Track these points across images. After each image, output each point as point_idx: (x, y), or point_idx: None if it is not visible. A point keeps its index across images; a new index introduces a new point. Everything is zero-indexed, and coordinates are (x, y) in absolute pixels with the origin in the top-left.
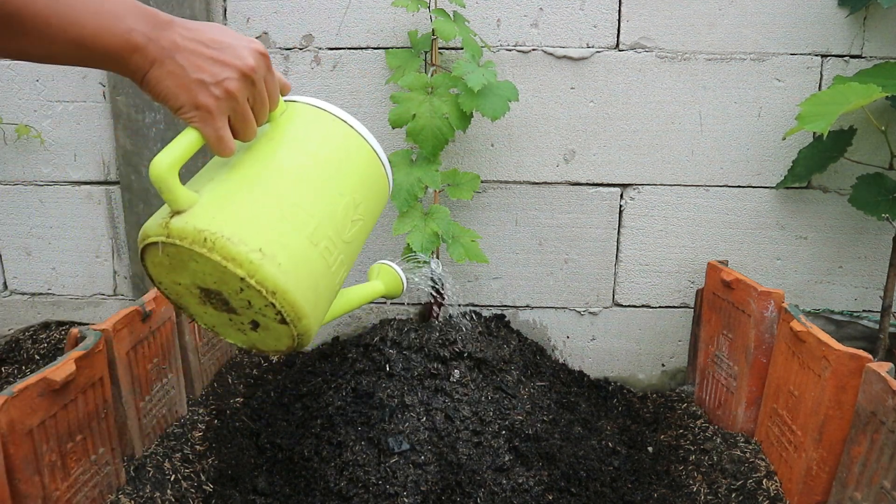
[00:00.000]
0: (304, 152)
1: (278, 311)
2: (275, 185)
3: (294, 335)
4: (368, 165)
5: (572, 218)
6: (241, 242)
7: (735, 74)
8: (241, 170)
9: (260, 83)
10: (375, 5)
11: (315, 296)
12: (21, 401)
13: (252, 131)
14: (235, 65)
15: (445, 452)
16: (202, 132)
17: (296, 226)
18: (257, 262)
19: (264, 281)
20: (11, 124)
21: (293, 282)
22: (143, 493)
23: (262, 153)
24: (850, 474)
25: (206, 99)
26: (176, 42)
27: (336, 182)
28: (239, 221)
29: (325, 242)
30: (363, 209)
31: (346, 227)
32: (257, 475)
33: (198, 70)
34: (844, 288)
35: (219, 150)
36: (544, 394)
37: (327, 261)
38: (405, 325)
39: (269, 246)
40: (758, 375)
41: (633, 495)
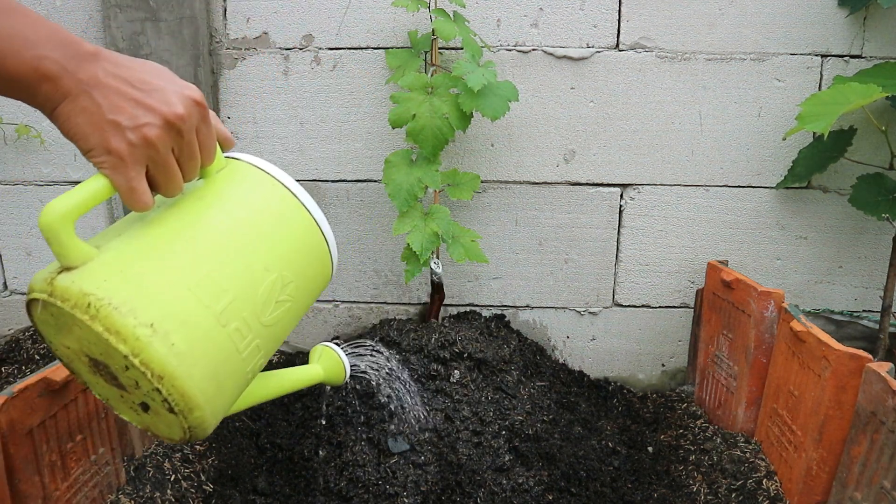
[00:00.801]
0: (232, 217)
1: (164, 398)
2: (189, 250)
3: (185, 427)
4: (309, 242)
5: (572, 218)
6: (130, 314)
7: (735, 74)
8: (154, 228)
9: (189, 134)
10: (375, 5)
11: (215, 385)
12: (21, 401)
13: (174, 186)
14: (160, 110)
15: (445, 453)
16: (112, 180)
17: (203, 300)
18: (145, 339)
19: (149, 362)
20: (11, 124)
21: (186, 367)
22: (143, 493)
23: (185, 212)
24: (850, 474)
25: (119, 144)
26: (97, 76)
27: (264, 255)
28: (134, 288)
29: (236, 323)
30: (293, 289)
31: (268, 309)
32: (257, 475)
33: (115, 111)
34: (844, 288)
35: (131, 203)
36: (544, 394)
37: (237, 345)
38: (405, 325)
39: (163, 321)
40: (758, 375)
41: (633, 495)
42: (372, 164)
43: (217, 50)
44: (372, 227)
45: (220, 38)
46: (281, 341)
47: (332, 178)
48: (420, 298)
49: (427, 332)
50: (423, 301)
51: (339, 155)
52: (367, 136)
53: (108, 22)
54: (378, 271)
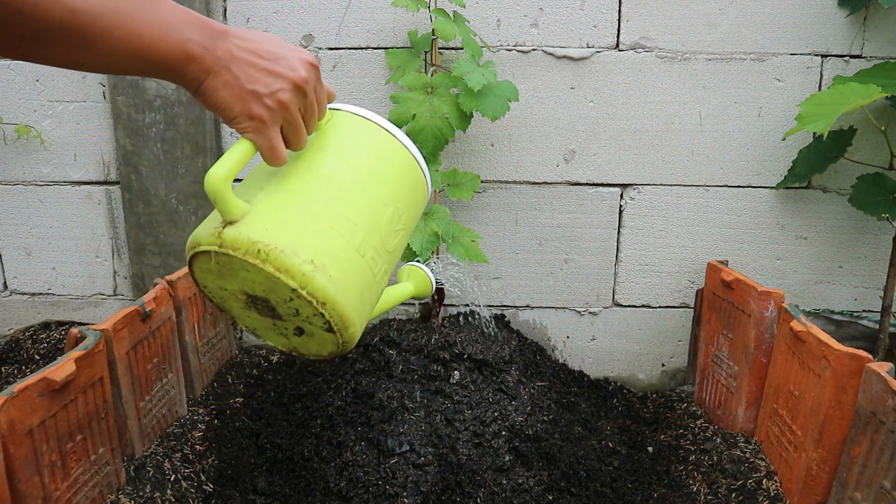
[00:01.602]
0: (350, 162)
1: (327, 320)
2: (324, 196)
3: (339, 342)
4: (411, 175)
5: (572, 218)
6: (294, 254)
7: (735, 74)
8: (290, 180)
9: (311, 94)
10: (375, 5)
11: (361, 304)
12: (21, 401)
13: (303, 141)
14: (289, 76)
15: (445, 453)
16: (256, 143)
17: (344, 237)
18: (309, 273)
19: (315, 292)
20: (11, 124)
21: (342, 293)
22: (143, 493)
23: (310, 163)
24: (850, 474)
25: (260, 110)
26: (231, 52)
27: (381, 192)
28: (291, 233)
29: (371, 252)
30: (406, 218)
31: (391, 237)
32: (257, 475)
33: (252, 81)
34: (844, 288)
35: (272, 160)
36: (544, 394)
37: (373, 270)
38: (405, 325)
39: (319, 257)
40: (758, 375)
41: (633, 495)
42: None
43: None
44: None
45: None
46: (396, 263)
47: None
48: None
49: (427, 332)
50: (423, 301)
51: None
52: None
53: None
54: None
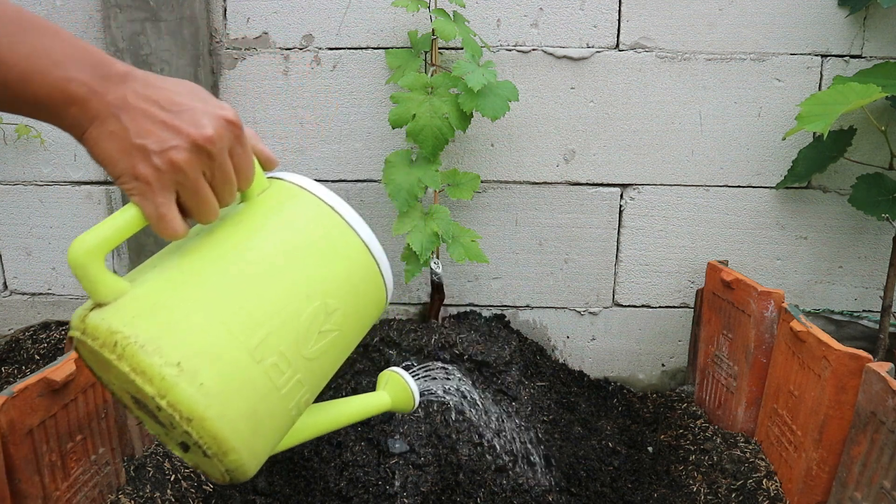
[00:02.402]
0: (272, 243)
1: (195, 441)
2: (222, 280)
3: (222, 471)
4: (357, 267)
5: (572, 218)
6: (156, 352)
7: (735, 74)
8: (188, 258)
9: (221, 156)
10: (375, 5)
11: (251, 425)
12: (21, 401)
13: (208, 212)
14: (188, 132)
15: (445, 454)
16: (141, 208)
17: (235, 335)
18: (171, 379)
19: (177, 403)
20: (11, 124)
21: (216, 407)
22: (143, 493)
23: (221, 239)
24: (850, 474)
25: (145, 169)
26: (126, 99)
27: (305, 282)
28: (162, 324)
29: (273, 358)
30: (339, 318)
31: (310, 340)
32: (257, 475)
33: (143, 134)
34: (844, 288)
35: (161, 231)
36: (544, 394)
37: (275, 382)
38: (405, 325)
39: (191, 360)
40: (758, 375)
41: (633, 495)
42: (372, 164)
43: (217, 50)
44: (372, 227)
45: (220, 38)
46: (330, 374)
47: (332, 178)
48: (420, 298)
49: (427, 332)
50: (423, 301)
51: (339, 155)
52: (367, 136)
53: (108, 22)
54: None
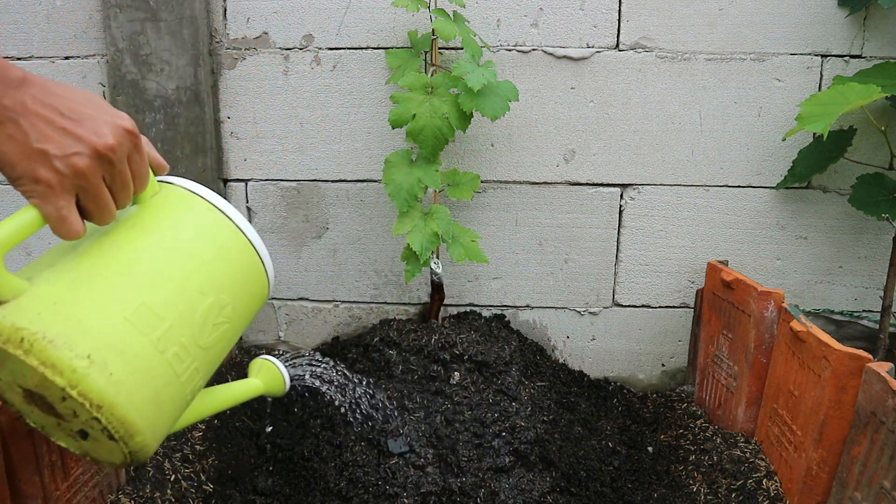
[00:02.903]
0: (167, 244)
1: (104, 426)
2: (123, 279)
3: (125, 452)
4: (244, 263)
5: (572, 218)
6: (66, 346)
7: (735, 74)
8: (87, 257)
9: (120, 163)
10: (375, 5)
11: (155, 409)
12: None
13: (107, 215)
14: (90, 140)
15: (445, 454)
16: (41, 210)
17: (140, 329)
18: (82, 370)
19: (88, 393)
20: None
21: (125, 395)
22: (143, 493)
23: (118, 240)
24: (850, 474)
25: (47, 173)
26: (24, 103)
27: (200, 280)
28: (69, 320)
29: (174, 349)
30: (230, 311)
31: (206, 332)
32: (257, 475)
33: (43, 139)
34: (844, 288)
35: (61, 232)
36: (544, 394)
37: (175, 370)
38: (405, 325)
39: (100, 352)
40: (758, 375)
41: (633, 495)
42: (372, 164)
43: (217, 50)
44: (372, 227)
45: (220, 38)
46: (220, 360)
47: (332, 178)
48: (420, 298)
49: (427, 332)
50: (423, 301)
51: (339, 155)
52: (367, 136)
53: (108, 22)
54: (378, 271)
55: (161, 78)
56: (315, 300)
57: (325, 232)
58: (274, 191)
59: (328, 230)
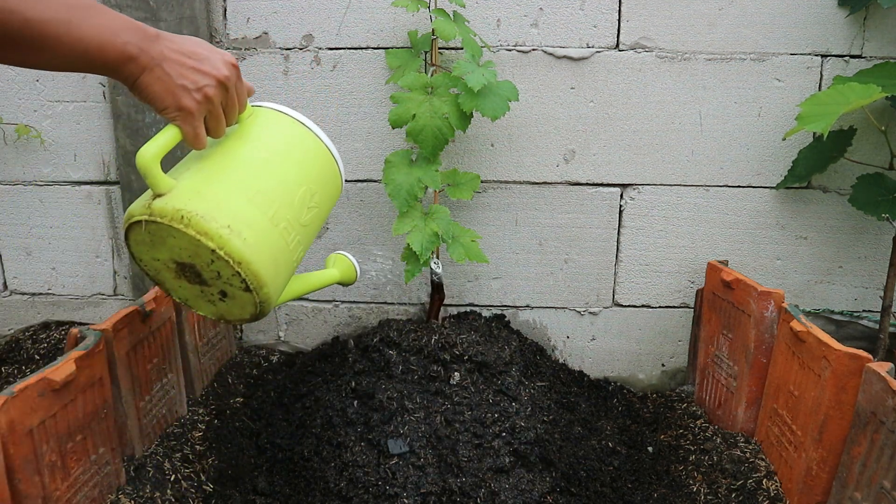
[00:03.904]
0: (266, 148)
1: (243, 279)
2: (241, 174)
3: (256, 302)
4: (323, 162)
5: (572, 218)
6: (213, 219)
7: (735, 74)
8: (212, 161)
9: (232, 90)
10: (375, 5)
11: (275, 268)
12: (21, 401)
13: (223, 129)
14: (213, 74)
15: (445, 454)
16: (182, 129)
17: (259, 208)
18: (226, 236)
19: (232, 253)
20: (11, 124)
21: (256, 254)
22: (143, 493)
23: (231, 148)
24: (850, 474)
25: (188, 102)
26: (163, 53)
27: (294, 174)
28: (210, 203)
29: (284, 223)
30: (318, 198)
31: (304, 212)
32: (257, 475)
33: (181, 77)
34: (844, 288)
35: (194, 144)
36: (544, 394)
37: (286, 239)
38: (405, 325)
39: (236, 223)
40: (758, 375)
41: (633, 495)
42: (372, 164)
43: None
44: (372, 227)
45: (220, 38)
46: (313, 239)
47: None
48: (420, 298)
49: (427, 332)
50: (423, 301)
51: (339, 155)
52: (367, 136)
53: None
54: (378, 271)
55: None
56: (315, 300)
57: (325, 232)
58: None
59: (328, 230)
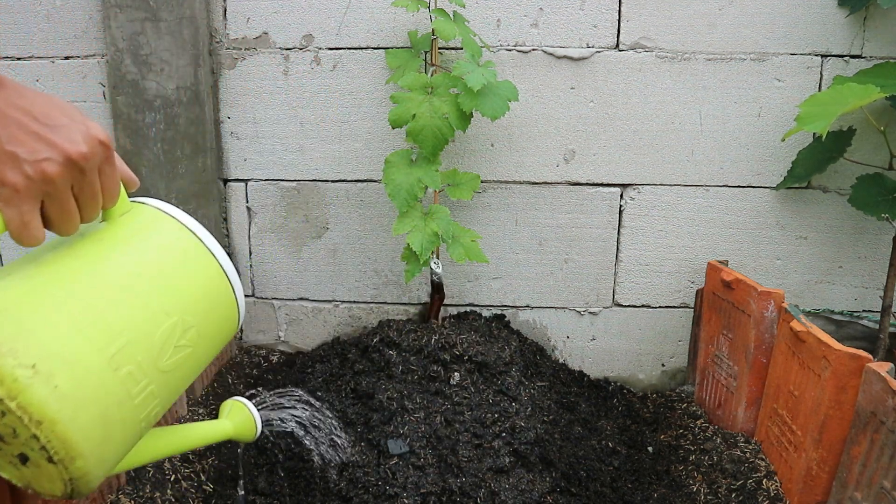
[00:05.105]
0: (132, 258)
1: (42, 445)
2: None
3: (65, 479)
4: (213, 288)
5: (572, 218)
6: (10, 353)
7: (735, 74)
8: (46, 267)
9: (91, 174)
10: (375, 5)
11: (102, 432)
12: None
13: (70, 225)
14: (62, 147)
15: (445, 455)
16: (3, 213)
17: (94, 342)
18: (24, 380)
19: (28, 405)
20: None
21: (68, 411)
22: (143, 493)
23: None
24: (850, 474)
25: (15, 177)
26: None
27: (164, 298)
28: (16, 327)
29: (129, 367)
30: (194, 335)
31: (166, 354)
32: (257, 475)
33: (13, 142)
34: (844, 288)
35: (20, 236)
36: (544, 394)
37: (129, 391)
38: (405, 325)
39: (46, 362)
40: (758, 375)
41: (633, 495)
42: (372, 164)
43: (217, 50)
44: (372, 227)
45: (220, 38)
46: (181, 390)
47: (332, 178)
48: (420, 298)
49: (427, 332)
50: (423, 301)
51: (339, 155)
52: (367, 136)
53: (108, 22)
54: (378, 271)
55: (161, 78)
56: (315, 300)
57: (325, 232)
58: (274, 191)
59: (328, 230)
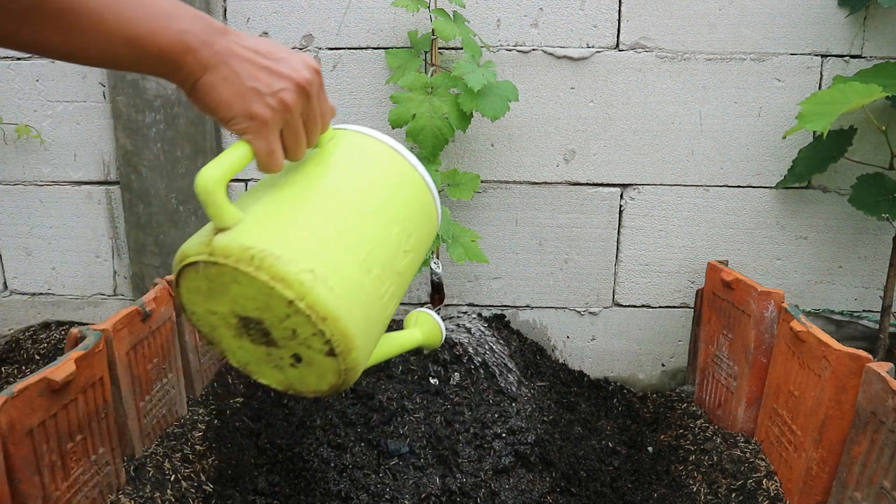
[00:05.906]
0: (356, 177)
1: (327, 339)
2: (326, 206)
3: (341, 370)
4: (420, 197)
5: (572, 218)
6: (291, 262)
7: (735, 74)
8: (290, 189)
9: (314, 100)
10: (375, 5)
11: (366, 327)
12: (21, 401)
13: (303, 149)
14: (292, 77)
15: (445, 455)
16: (254, 145)
17: (349, 249)
18: (308, 283)
19: (315, 305)
20: (11, 124)
21: (345, 308)
22: (143, 493)
23: (312, 175)
24: (850, 474)
25: (262, 109)
26: (231, 49)
27: (389, 209)
28: (289, 240)
29: (377, 270)
30: (415, 240)
31: (399, 257)
32: (257, 475)
33: (253, 78)
34: (844, 288)
35: (268, 165)
36: (544, 394)
37: (378, 290)
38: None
39: (320, 267)
40: (758, 375)
41: (633, 495)
42: None
43: None
44: None
45: None
46: (405, 291)
47: None
48: (420, 298)
49: None
50: (423, 301)
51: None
52: None
53: None
54: None
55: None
56: None
57: None
58: None
59: None
